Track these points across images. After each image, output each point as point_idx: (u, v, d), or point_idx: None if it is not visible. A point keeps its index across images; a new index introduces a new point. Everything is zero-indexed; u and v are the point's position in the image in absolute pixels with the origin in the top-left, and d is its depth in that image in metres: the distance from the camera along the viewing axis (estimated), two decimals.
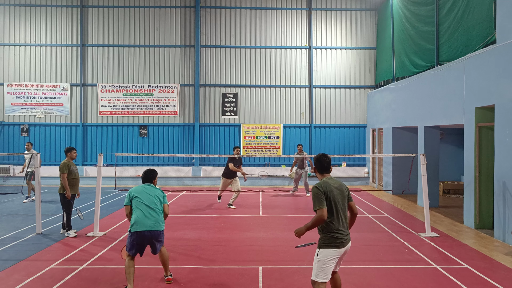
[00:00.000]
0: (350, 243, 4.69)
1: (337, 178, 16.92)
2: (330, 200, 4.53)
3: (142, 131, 18.44)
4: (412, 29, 13.69)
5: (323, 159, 4.78)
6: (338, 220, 4.55)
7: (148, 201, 5.83)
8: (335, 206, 4.55)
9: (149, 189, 5.98)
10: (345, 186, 4.80)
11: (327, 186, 4.57)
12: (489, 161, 9.28)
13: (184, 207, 12.09)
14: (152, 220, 5.74)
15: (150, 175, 6.20)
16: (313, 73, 18.50)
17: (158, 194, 6.00)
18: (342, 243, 4.54)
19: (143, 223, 5.68)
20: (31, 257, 7.18)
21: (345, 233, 4.59)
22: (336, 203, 4.56)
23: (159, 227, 5.80)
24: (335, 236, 4.52)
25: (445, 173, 16.03)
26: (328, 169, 4.77)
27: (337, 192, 4.60)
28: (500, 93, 8.40)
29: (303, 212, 11.50)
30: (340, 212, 4.59)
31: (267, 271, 6.47)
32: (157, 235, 5.79)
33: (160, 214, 5.87)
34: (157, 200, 5.92)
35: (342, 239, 4.54)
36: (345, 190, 4.73)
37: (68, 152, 8.87)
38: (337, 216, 4.55)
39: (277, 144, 18.42)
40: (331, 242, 4.52)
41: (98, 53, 18.48)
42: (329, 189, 4.55)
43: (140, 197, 5.86)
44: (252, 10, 18.63)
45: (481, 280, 6.12)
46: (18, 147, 18.23)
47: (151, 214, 5.76)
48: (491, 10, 9.07)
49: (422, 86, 12.49)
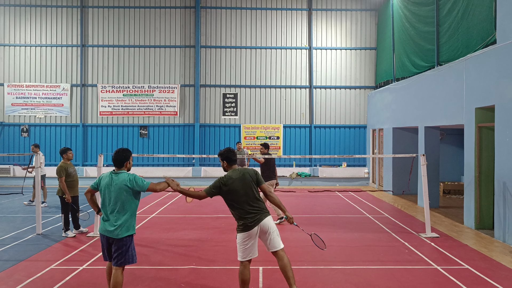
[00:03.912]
0: (266, 219, 5.05)
1: (337, 178, 16.89)
2: (232, 192, 4.97)
3: (142, 132, 18.45)
4: (412, 30, 13.68)
5: (230, 153, 5.23)
6: (243, 208, 4.98)
7: (109, 199, 4.85)
8: (238, 196, 4.98)
9: (116, 181, 4.85)
10: (251, 172, 5.17)
11: (228, 179, 5.01)
12: (489, 162, 9.28)
13: (184, 208, 12.09)
14: (110, 225, 4.81)
15: (121, 157, 4.97)
16: (313, 73, 18.50)
17: (125, 186, 4.80)
18: (250, 226, 4.96)
19: (102, 225, 4.88)
20: (31, 258, 7.18)
21: (252, 218, 4.97)
22: (238, 193, 4.97)
23: (117, 233, 4.79)
24: (241, 223, 5.01)
25: (445, 174, 16.03)
26: (234, 161, 5.24)
27: (239, 182, 5.01)
28: (500, 93, 8.40)
29: (303, 212, 11.49)
30: (245, 199, 4.98)
31: (267, 272, 6.46)
32: (114, 243, 4.83)
33: (123, 215, 4.80)
34: (122, 195, 4.80)
35: (248, 223, 4.96)
36: (249, 176, 5.10)
37: (63, 153, 8.79)
38: (242, 204, 4.97)
39: (277, 144, 18.42)
40: (239, 227, 5.03)
41: (98, 53, 18.49)
42: (230, 181, 4.99)
43: (105, 192, 4.88)
44: (252, 11, 18.64)
45: (481, 281, 6.11)
46: (18, 147, 18.24)
47: (109, 216, 4.84)
48: (491, 10, 9.07)
49: (422, 87, 12.49)
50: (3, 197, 13.57)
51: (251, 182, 5.07)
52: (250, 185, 5.05)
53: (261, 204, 5.09)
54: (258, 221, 4.99)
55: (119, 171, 4.96)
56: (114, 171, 4.98)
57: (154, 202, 13.00)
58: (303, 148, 18.51)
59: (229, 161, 5.22)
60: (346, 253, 7.55)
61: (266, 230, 5.04)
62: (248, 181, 5.05)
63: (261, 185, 5.17)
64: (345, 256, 7.34)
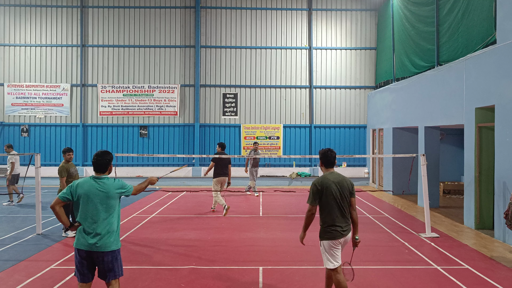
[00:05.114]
0: (348, 235, 4.87)
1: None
2: (326, 196, 4.74)
3: (142, 132, 18.44)
4: (412, 30, 13.69)
5: (329, 154, 4.98)
6: (334, 214, 4.76)
7: (94, 208, 4.32)
8: (330, 201, 4.74)
9: (100, 187, 4.36)
10: (348, 182, 4.92)
11: (325, 181, 4.78)
12: (489, 162, 9.28)
13: (185, 208, 12.09)
14: (96, 237, 4.29)
15: (104, 161, 4.47)
16: (313, 73, 18.50)
17: (112, 193, 4.37)
18: (335, 236, 4.76)
19: (83, 239, 4.32)
20: (32, 258, 7.18)
21: (340, 227, 4.76)
22: (333, 198, 4.75)
23: (107, 245, 4.33)
24: (328, 230, 4.78)
25: (445, 174, 16.03)
26: (333, 164, 4.97)
27: (335, 187, 4.77)
28: (500, 93, 8.40)
29: (303, 212, 11.49)
30: (337, 206, 4.77)
31: (267, 272, 6.47)
32: (102, 257, 4.33)
33: (112, 225, 4.37)
34: (110, 202, 4.37)
35: (337, 232, 4.76)
36: (347, 185, 4.86)
37: (63, 153, 8.85)
38: (332, 210, 4.76)
39: (277, 144, 18.42)
40: (325, 234, 4.80)
41: (98, 53, 18.49)
42: (327, 184, 4.76)
43: (86, 202, 4.33)
44: (252, 11, 18.64)
45: (481, 281, 6.12)
46: (18, 147, 18.23)
47: (93, 228, 4.31)
48: (491, 10, 9.07)
49: (422, 87, 12.49)
50: (3, 197, 13.57)
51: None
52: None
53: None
54: (347, 233, 4.86)
55: (102, 176, 4.46)
56: (95, 176, 4.47)
57: (154, 202, 13.00)
58: (303, 148, 18.51)
59: (326, 163, 5.00)
60: (346, 253, 7.54)
61: None
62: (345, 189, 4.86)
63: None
64: (345, 256, 7.33)
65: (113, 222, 4.41)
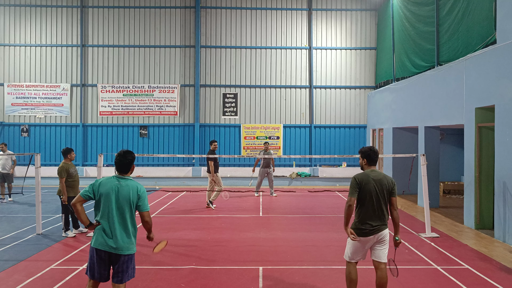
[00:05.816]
0: (381, 233, 4.86)
1: (337, 178, 16.80)
2: (364, 191, 4.77)
3: (142, 132, 18.45)
4: (412, 30, 13.69)
5: (372, 153, 5.01)
6: (368, 211, 4.79)
7: (117, 208, 4.26)
8: (368, 198, 4.77)
9: (122, 189, 4.29)
10: (390, 180, 4.89)
11: (365, 177, 4.82)
12: (489, 162, 9.28)
13: (185, 208, 12.09)
14: (117, 239, 4.24)
15: (127, 160, 4.39)
16: (313, 73, 18.50)
17: (132, 197, 4.29)
18: (361, 234, 4.80)
19: (102, 239, 4.27)
20: (32, 258, 7.18)
21: (371, 225, 4.79)
22: (370, 195, 4.77)
23: (128, 248, 4.32)
24: (357, 225, 4.84)
25: (445, 174, 16.03)
26: (375, 161, 5.01)
27: (374, 184, 4.79)
28: (500, 93, 8.40)
29: (303, 212, 11.49)
30: (372, 204, 4.78)
31: (267, 272, 6.47)
32: (119, 258, 4.31)
33: (132, 228, 4.35)
34: (128, 208, 4.27)
35: (365, 230, 4.79)
36: (387, 183, 4.84)
37: (67, 153, 8.79)
38: (368, 207, 4.79)
39: (277, 144, 18.42)
40: (354, 228, 4.85)
41: (98, 53, 18.49)
42: (366, 181, 4.79)
43: (107, 201, 4.26)
44: (252, 10, 18.64)
45: (481, 281, 6.11)
46: (18, 147, 18.24)
47: (114, 229, 4.26)
48: (491, 10, 9.07)
49: (422, 87, 12.49)
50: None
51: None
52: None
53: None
54: (378, 230, 4.87)
55: (126, 177, 4.38)
56: (118, 176, 4.39)
57: (154, 202, 13.00)
58: (303, 148, 18.51)
59: (369, 161, 5.00)
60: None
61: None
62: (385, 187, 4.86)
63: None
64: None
65: (133, 224, 4.36)
